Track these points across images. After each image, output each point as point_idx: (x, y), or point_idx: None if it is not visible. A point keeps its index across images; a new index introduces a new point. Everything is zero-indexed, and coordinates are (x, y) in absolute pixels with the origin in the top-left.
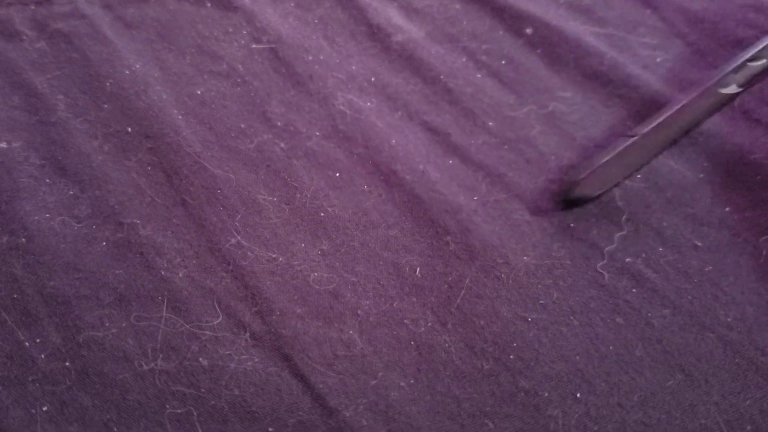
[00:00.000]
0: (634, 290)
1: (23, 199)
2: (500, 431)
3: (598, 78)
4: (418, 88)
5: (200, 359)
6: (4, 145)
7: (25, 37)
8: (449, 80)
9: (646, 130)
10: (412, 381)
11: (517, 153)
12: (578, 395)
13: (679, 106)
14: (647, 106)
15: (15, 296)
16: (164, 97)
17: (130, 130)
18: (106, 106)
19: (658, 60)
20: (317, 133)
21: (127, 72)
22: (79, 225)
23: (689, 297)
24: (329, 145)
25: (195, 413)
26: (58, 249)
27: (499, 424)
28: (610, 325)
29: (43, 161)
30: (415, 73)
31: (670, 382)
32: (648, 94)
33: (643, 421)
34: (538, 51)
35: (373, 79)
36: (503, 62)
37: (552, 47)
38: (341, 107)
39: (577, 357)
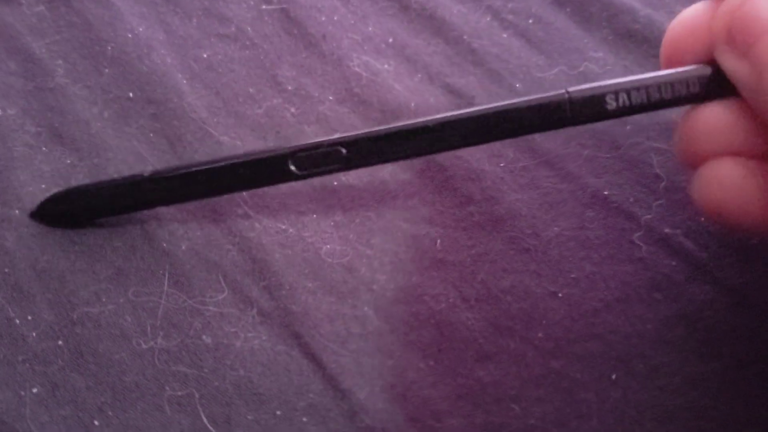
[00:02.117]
0: (673, 263)
1: (17, 168)
2: (528, 416)
3: (632, 37)
4: (439, 49)
5: (203, 337)
6: None
7: (23, 1)
8: (473, 40)
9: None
10: (431, 362)
11: None
12: (614, 377)
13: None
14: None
15: (6, 270)
16: (168, 61)
17: (131, 95)
18: (107, 70)
19: None
20: (330, 98)
21: (130, 35)
22: None
23: (734, 271)
24: (343, 110)
25: (197, 395)
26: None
27: (527, 408)
28: (647, 301)
29: (39, 129)
30: (436, 33)
31: (716, 364)
32: None
33: (686, 406)
34: (567, 9)
35: (390, 40)
36: (530, 21)
37: (582, 5)
38: (356, 69)
39: (612, 336)
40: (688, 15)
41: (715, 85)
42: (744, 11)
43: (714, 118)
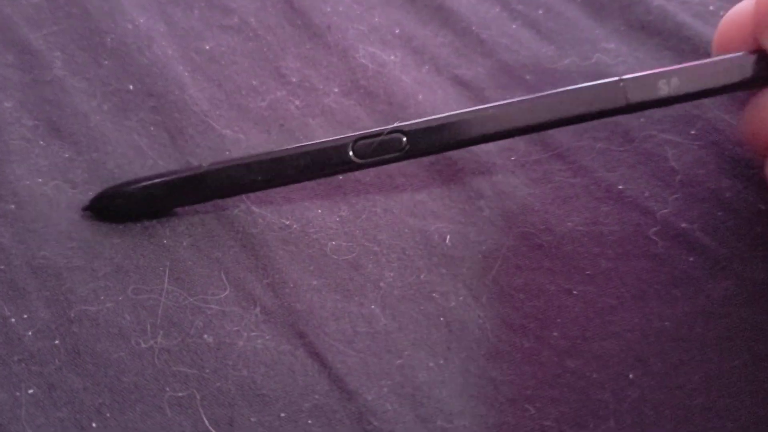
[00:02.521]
0: (691, 259)
1: (14, 162)
2: (543, 417)
3: (645, 28)
4: (447, 40)
5: (205, 336)
6: None
7: None
8: (482, 31)
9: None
10: (441, 361)
11: None
12: (631, 376)
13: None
14: (699, 58)
15: (1, 268)
16: (169, 52)
17: (131, 87)
18: (106, 62)
19: (711, 8)
20: (335, 90)
21: (130, 26)
22: (74, 191)
23: (753, 266)
24: (349, 102)
25: (198, 396)
26: (50, 216)
27: (541, 408)
28: (665, 297)
29: (36, 122)
30: (444, 23)
31: (736, 362)
32: (701, 45)
33: (707, 406)
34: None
35: (397, 30)
36: (540, 11)
37: None
38: (362, 61)
39: (629, 334)
40: (739, 7)
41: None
42: None
43: None
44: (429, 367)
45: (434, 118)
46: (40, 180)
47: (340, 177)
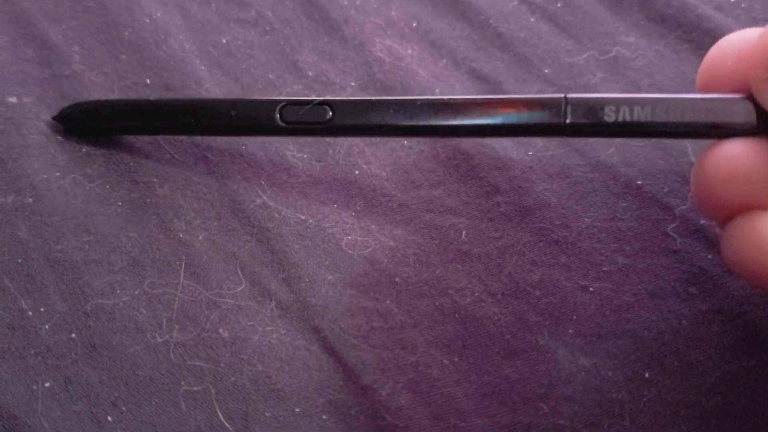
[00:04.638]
0: (709, 256)
1: (32, 156)
2: (557, 416)
3: (665, 21)
4: (464, 34)
5: (220, 330)
6: (14, 99)
7: None
8: (500, 24)
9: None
10: (456, 358)
11: None
12: (647, 375)
13: None
14: None
15: (19, 261)
16: (186, 46)
17: (148, 81)
18: (123, 57)
19: (732, 0)
20: (352, 83)
21: (147, 21)
22: (92, 184)
23: None
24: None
25: (213, 391)
26: (67, 210)
27: (555, 407)
28: (682, 295)
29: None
30: (462, 17)
31: (754, 362)
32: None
33: (723, 406)
34: None
35: (414, 24)
36: (559, 4)
37: None
38: (379, 54)
39: (646, 332)
40: (730, 40)
41: (746, 120)
42: None
43: (744, 159)
44: (443, 364)
45: (363, 99)
46: (57, 174)
47: (356, 172)
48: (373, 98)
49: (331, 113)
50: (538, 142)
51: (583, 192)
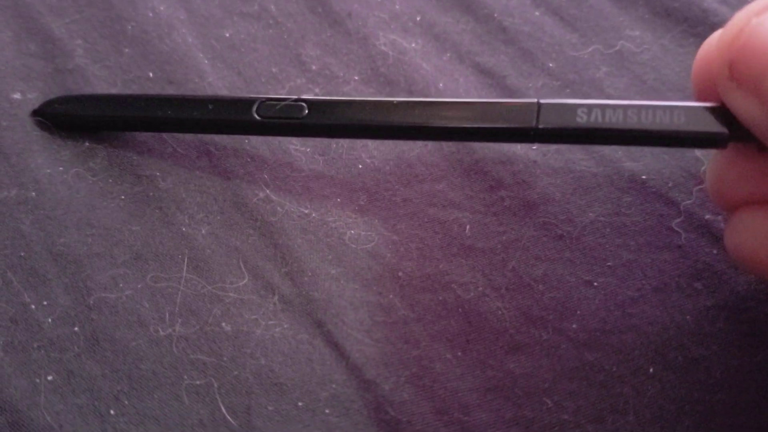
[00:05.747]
0: (714, 252)
1: (35, 151)
2: (561, 410)
3: (670, 15)
4: (469, 27)
5: (223, 324)
6: (18, 96)
7: None
8: (504, 18)
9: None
10: (459, 353)
11: (581, 96)
12: (651, 370)
13: None
14: None
15: (22, 254)
16: (189, 40)
17: (151, 75)
18: (126, 50)
19: None
20: (356, 77)
21: (151, 14)
22: (94, 178)
23: None
24: (369, 90)
25: (216, 384)
26: (70, 204)
27: (559, 402)
28: (687, 291)
29: None
30: (466, 10)
31: (759, 357)
32: None
33: (728, 402)
34: None
35: (418, 18)
36: None
37: None
38: (383, 48)
39: (650, 327)
40: (710, 42)
41: (718, 129)
42: (745, 40)
43: (738, 162)
44: (446, 359)
45: (339, 98)
46: (60, 168)
47: (359, 166)
48: (349, 98)
49: (307, 111)
50: None
51: (588, 186)
